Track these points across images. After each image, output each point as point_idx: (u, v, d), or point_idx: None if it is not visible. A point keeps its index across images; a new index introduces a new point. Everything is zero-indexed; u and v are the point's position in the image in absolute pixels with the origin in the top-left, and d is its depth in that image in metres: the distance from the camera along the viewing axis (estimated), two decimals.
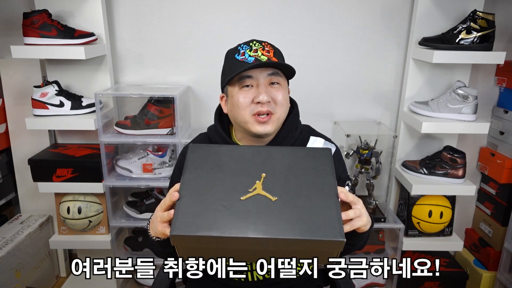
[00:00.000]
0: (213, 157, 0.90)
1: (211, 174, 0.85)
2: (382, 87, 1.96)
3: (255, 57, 0.99)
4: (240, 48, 1.02)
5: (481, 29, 1.61)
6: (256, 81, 1.00)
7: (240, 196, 0.80)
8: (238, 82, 1.00)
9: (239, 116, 1.01)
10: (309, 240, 0.73)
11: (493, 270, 2.00)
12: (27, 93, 1.85)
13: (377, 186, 1.99)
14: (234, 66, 1.00)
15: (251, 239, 0.74)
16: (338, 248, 0.75)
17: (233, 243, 0.75)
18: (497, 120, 1.97)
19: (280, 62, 1.00)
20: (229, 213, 0.77)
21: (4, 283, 1.72)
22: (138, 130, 1.78)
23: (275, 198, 0.80)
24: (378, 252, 1.97)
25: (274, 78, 1.01)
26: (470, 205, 2.17)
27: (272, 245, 0.75)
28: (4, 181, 1.98)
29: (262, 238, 0.73)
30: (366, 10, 1.86)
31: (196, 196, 0.81)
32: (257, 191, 0.81)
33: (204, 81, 1.94)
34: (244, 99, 0.99)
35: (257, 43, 1.02)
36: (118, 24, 1.87)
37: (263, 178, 0.83)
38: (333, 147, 1.11)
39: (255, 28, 1.87)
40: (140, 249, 1.94)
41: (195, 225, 0.75)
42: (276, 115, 1.01)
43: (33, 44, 1.62)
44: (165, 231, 0.83)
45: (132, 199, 1.97)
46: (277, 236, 0.73)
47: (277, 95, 1.00)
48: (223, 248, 0.79)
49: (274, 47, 1.04)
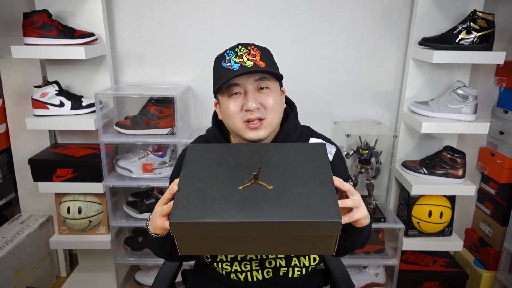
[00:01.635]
0: (211, 154, 0.93)
1: (209, 168, 0.88)
2: (382, 87, 1.97)
3: (241, 63, 0.96)
4: (226, 54, 1.00)
5: (481, 29, 1.61)
6: (244, 88, 0.98)
7: (238, 186, 0.82)
8: (226, 90, 0.99)
9: (231, 124, 1.01)
10: (306, 222, 0.74)
11: (493, 270, 2.00)
12: (27, 93, 1.85)
13: (377, 186, 1.99)
14: (221, 74, 0.99)
15: (249, 224, 0.75)
16: (336, 230, 0.76)
17: (232, 229, 0.76)
18: (497, 120, 1.97)
19: (265, 69, 0.97)
20: (228, 201, 0.79)
21: (4, 283, 1.72)
22: (138, 130, 1.78)
23: (272, 187, 0.81)
24: (378, 252, 1.97)
25: (262, 83, 0.98)
26: (470, 205, 2.17)
27: (270, 231, 0.76)
28: (4, 181, 1.98)
29: (260, 222, 0.74)
30: (366, 10, 1.86)
31: (195, 188, 0.83)
32: (254, 181, 0.83)
33: (204, 81, 1.94)
34: (233, 107, 0.99)
35: (243, 47, 0.99)
36: (118, 24, 1.87)
37: (260, 170, 0.85)
38: (333, 148, 1.10)
39: (255, 28, 1.87)
40: (140, 249, 1.95)
41: (194, 213, 0.76)
42: (268, 120, 0.99)
43: (33, 44, 1.62)
44: (164, 224, 0.83)
45: (132, 199, 1.97)
46: (274, 220, 0.74)
47: (267, 100, 0.98)
48: (222, 239, 0.79)
49: (261, 49, 1.01)
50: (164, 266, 1.26)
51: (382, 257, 1.96)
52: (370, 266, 2.01)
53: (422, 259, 2.05)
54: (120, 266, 1.99)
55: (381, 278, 2.01)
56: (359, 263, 1.97)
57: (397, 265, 1.93)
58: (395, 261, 1.93)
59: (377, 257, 1.96)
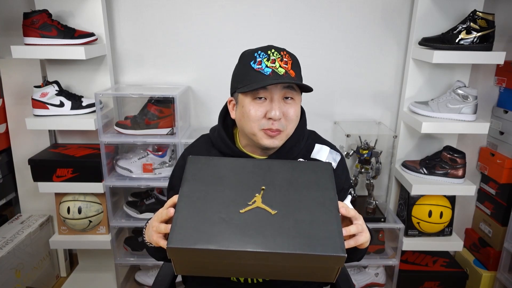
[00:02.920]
0: (212, 169, 0.89)
1: (210, 186, 0.84)
2: (382, 87, 1.97)
3: (273, 69, 0.94)
4: (257, 55, 0.96)
5: (481, 29, 1.61)
6: (271, 95, 0.95)
7: (239, 209, 0.79)
8: (251, 93, 0.95)
9: (248, 127, 0.98)
10: (309, 255, 0.71)
11: (493, 270, 2.00)
12: (27, 93, 1.85)
13: (377, 186, 1.99)
14: (248, 74, 0.95)
15: (249, 253, 0.72)
16: (339, 263, 0.74)
17: (231, 256, 0.73)
18: (497, 120, 1.97)
19: (298, 82, 0.95)
20: (228, 226, 0.75)
21: (4, 283, 1.72)
22: (138, 130, 1.78)
23: (275, 212, 0.78)
24: (378, 252, 1.97)
25: (288, 92, 0.96)
26: (470, 205, 2.17)
27: (271, 260, 0.74)
28: (4, 181, 1.98)
29: (261, 252, 0.71)
30: (366, 10, 1.86)
31: (194, 208, 0.79)
32: (257, 204, 0.80)
33: (204, 81, 1.94)
34: (255, 112, 0.95)
35: (276, 52, 0.96)
36: (118, 24, 1.87)
37: (262, 191, 0.82)
38: (338, 156, 1.09)
39: (255, 28, 1.87)
40: (140, 249, 1.95)
41: (192, 238, 0.73)
42: (286, 132, 0.98)
43: (33, 44, 1.62)
44: (159, 242, 0.82)
45: (132, 199, 1.97)
46: (276, 251, 0.72)
47: (289, 111, 0.97)
48: (220, 263, 0.77)
49: (292, 57, 0.99)
50: (164, 266, 1.26)
51: (382, 257, 1.96)
52: (370, 266, 2.01)
53: (422, 259, 2.05)
54: (120, 266, 1.99)
55: (381, 278, 2.01)
56: (359, 263, 1.97)
57: (397, 265, 1.93)
58: (395, 261, 1.93)
59: (377, 257, 1.96)
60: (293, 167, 0.90)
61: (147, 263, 1.94)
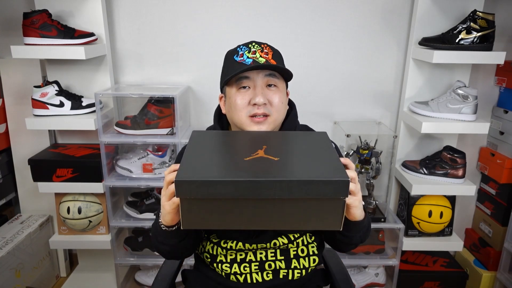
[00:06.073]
0: (214, 138, 0.97)
1: (215, 145, 0.92)
2: (382, 87, 1.96)
3: (253, 59, 1.00)
4: (239, 49, 1.03)
5: (481, 29, 1.61)
6: (253, 82, 1.01)
7: (244, 157, 0.83)
8: (235, 83, 1.02)
9: (236, 117, 1.02)
10: (315, 181, 0.75)
11: (493, 270, 2.00)
12: (27, 93, 1.85)
13: (377, 186, 1.99)
14: (232, 67, 1.01)
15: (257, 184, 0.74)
16: (344, 191, 0.76)
17: (240, 191, 0.74)
18: (497, 120, 1.97)
19: (277, 65, 1.00)
20: (236, 167, 0.80)
21: (4, 283, 1.72)
22: (138, 130, 1.78)
23: (277, 158, 0.83)
24: (378, 252, 1.97)
25: (271, 80, 1.02)
26: (470, 205, 2.17)
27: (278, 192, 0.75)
28: (4, 181, 1.98)
29: (269, 180, 0.74)
30: (366, 10, 1.86)
31: (201, 155, 0.84)
32: (260, 155, 0.84)
33: (204, 81, 1.94)
34: (241, 101, 1.01)
35: (256, 45, 1.03)
36: (118, 24, 1.87)
37: (264, 148, 0.87)
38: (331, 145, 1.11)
39: (255, 28, 1.87)
40: (140, 249, 1.94)
41: (201, 172, 0.76)
42: (273, 117, 1.02)
43: (33, 44, 1.62)
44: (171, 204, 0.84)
45: (132, 199, 1.97)
46: (283, 178, 0.74)
47: (274, 98, 1.01)
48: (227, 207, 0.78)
49: (273, 49, 1.05)
50: (164, 266, 1.26)
51: (382, 257, 1.96)
52: (370, 266, 2.01)
53: (422, 259, 2.05)
54: (120, 266, 1.99)
55: (381, 278, 2.01)
56: (359, 263, 1.97)
57: (397, 265, 1.93)
58: (395, 261, 1.93)
59: (377, 257, 1.96)
60: (291, 135, 0.99)
61: (147, 263, 1.94)
